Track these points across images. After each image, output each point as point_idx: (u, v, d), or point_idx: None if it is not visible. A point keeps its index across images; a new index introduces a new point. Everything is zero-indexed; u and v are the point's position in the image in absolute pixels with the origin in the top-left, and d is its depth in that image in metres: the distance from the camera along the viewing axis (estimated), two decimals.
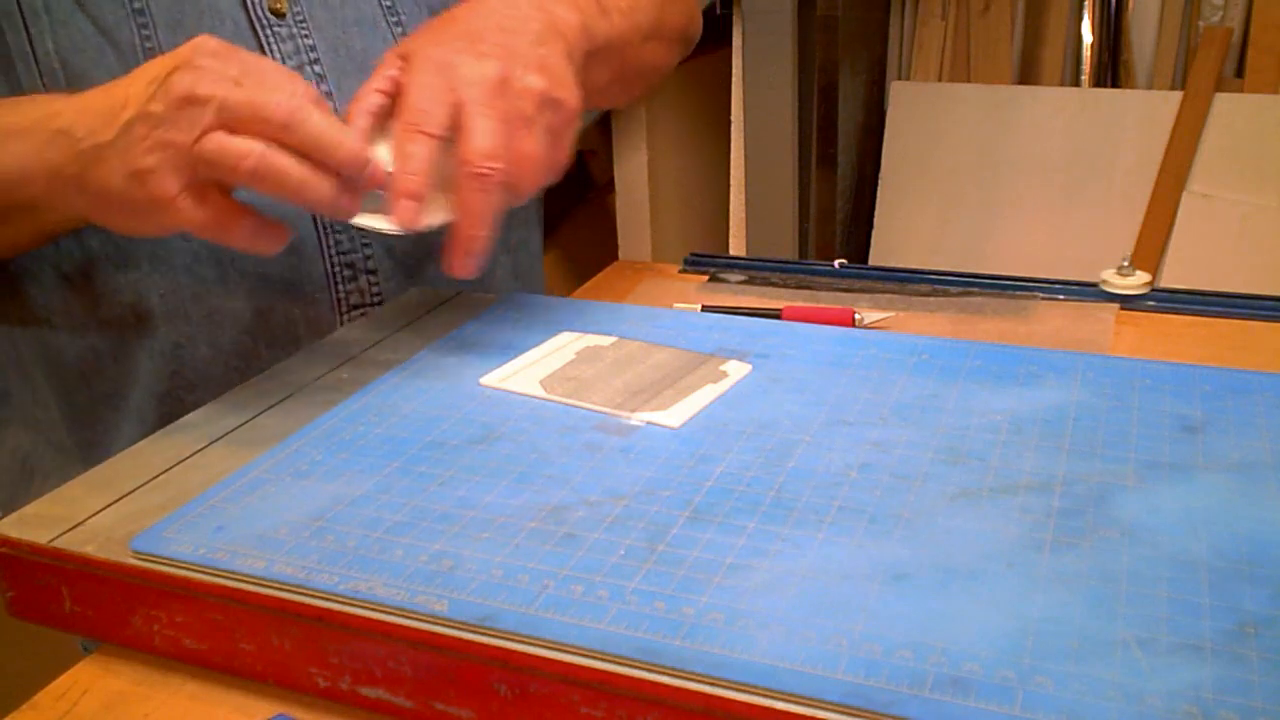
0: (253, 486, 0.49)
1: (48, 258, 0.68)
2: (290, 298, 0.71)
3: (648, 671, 0.37)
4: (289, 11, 0.70)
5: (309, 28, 0.71)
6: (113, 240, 0.68)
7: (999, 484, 0.47)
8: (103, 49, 0.65)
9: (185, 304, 0.69)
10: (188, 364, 0.70)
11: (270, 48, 0.69)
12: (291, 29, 0.70)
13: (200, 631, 0.44)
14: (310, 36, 0.71)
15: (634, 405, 0.55)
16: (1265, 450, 0.49)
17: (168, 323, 0.69)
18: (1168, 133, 2.11)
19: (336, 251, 0.72)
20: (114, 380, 0.71)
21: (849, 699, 0.36)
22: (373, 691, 0.42)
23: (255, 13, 0.69)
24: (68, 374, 0.72)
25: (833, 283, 0.81)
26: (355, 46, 0.73)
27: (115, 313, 0.69)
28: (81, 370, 0.71)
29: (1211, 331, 0.70)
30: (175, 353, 0.70)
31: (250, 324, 0.70)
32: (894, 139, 2.35)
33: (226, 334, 0.70)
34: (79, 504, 0.49)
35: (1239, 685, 0.36)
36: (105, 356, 0.71)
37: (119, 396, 0.71)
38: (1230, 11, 2.13)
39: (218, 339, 0.70)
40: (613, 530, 0.45)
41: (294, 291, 0.71)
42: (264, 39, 0.69)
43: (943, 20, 2.33)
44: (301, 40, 0.71)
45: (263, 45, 0.69)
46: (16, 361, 0.74)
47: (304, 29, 0.71)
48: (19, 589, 0.48)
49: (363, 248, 0.73)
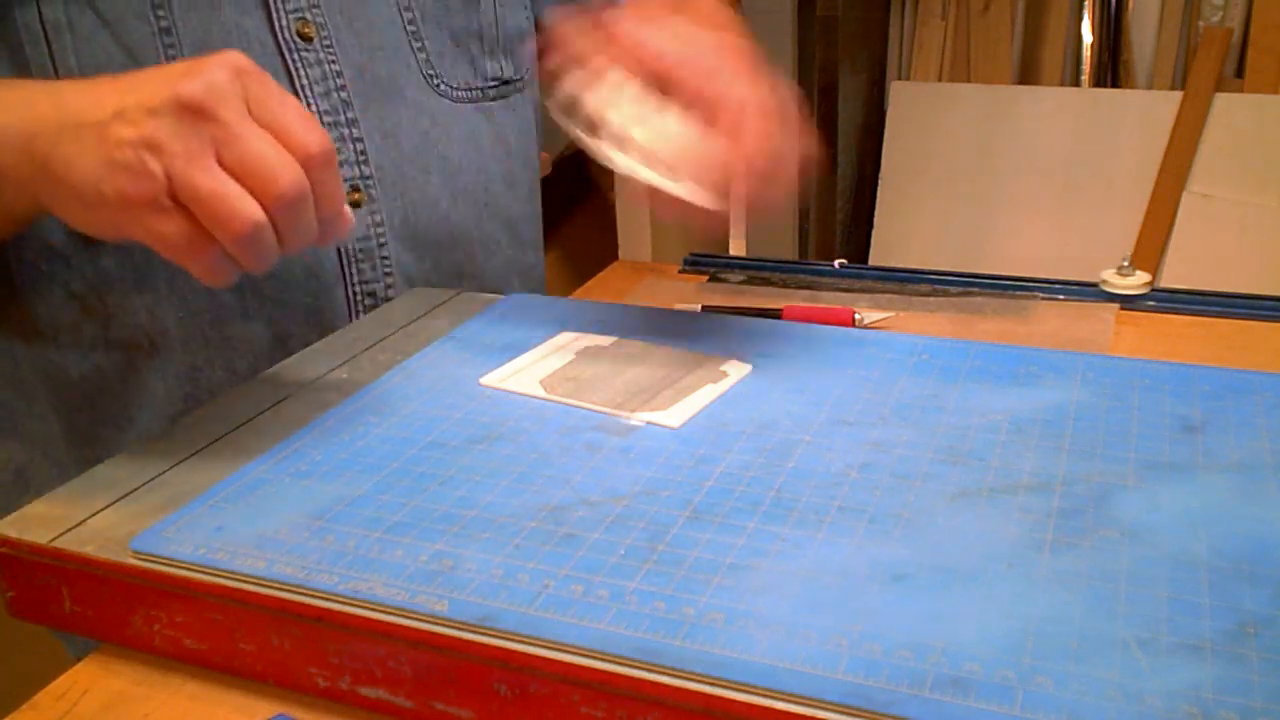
0: (253, 486, 0.49)
1: (58, 275, 0.67)
2: (310, 324, 0.70)
3: (648, 671, 0.37)
4: (316, 36, 0.69)
5: (335, 53, 0.70)
6: (130, 261, 0.67)
7: (999, 484, 0.47)
8: (127, 69, 0.62)
9: (204, 328, 0.68)
10: (203, 387, 0.69)
11: (298, 73, 0.69)
12: (319, 54, 0.70)
13: (200, 631, 0.44)
14: (337, 62, 0.70)
15: (634, 405, 0.55)
16: (1265, 450, 0.49)
17: (184, 346, 0.69)
18: (1168, 133, 2.11)
19: (359, 280, 0.71)
20: (121, 401, 0.70)
21: (849, 699, 0.36)
22: (373, 691, 0.42)
23: (283, 36, 0.68)
24: (70, 393, 0.70)
25: (833, 283, 0.81)
26: (380, 72, 0.73)
27: (126, 334, 0.68)
28: (85, 390, 0.70)
29: (1211, 331, 0.70)
30: (191, 375, 0.69)
31: (268, 349, 0.70)
32: (894, 139, 2.35)
33: (243, 359, 0.70)
34: (79, 504, 0.49)
35: (1239, 685, 0.36)
36: (113, 377, 0.69)
37: (124, 417, 0.70)
38: (1230, 11, 2.13)
39: (234, 363, 0.70)
40: (613, 530, 0.45)
41: (314, 318, 0.70)
42: (291, 64, 0.69)
43: (943, 20, 2.33)
44: (329, 66, 0.70)
45: (290, 70, 0.69)
46: (15, 376, 0.73)
47: (331, 54, 0.70)
48: (19, 589, 0.48)
49: (384, 276, 0.73)
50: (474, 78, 0.78)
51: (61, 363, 0.70)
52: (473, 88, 0.78)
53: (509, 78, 0.80)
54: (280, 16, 0.68)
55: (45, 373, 0.71)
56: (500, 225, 0.80)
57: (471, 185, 0.78)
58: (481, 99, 0.78)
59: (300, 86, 0.69)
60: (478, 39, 0.77)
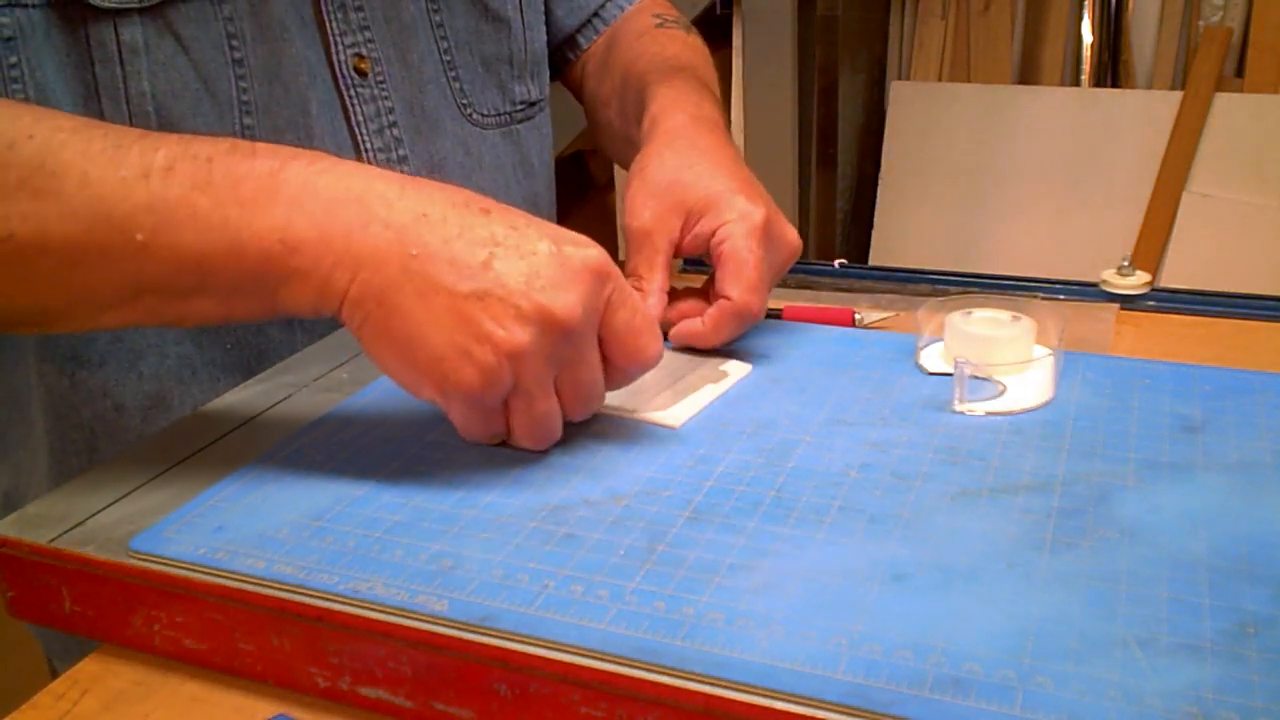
0: (253, 486, 0.49)
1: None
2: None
3: (648, 671, 0.37)
4: (370, 71, 0.70)
5: (387, 88, 0.71)
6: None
7: (999, 484, 0.47)
8: (200, 97, 0.63)
9: (248, 361, 0.67)
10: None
11: (354, 109, 0.69)
12: (373, 89, 0.70)
13: (200, 631, 0.44)
14: (390, 97, 0.71)
15: (634, 405, 0.55)
16: (1265, 450, 0.49)
17: (212, 385, 0.67)
18: (1168, 133, 2.11)
19: None
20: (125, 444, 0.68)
21: (849, 699, 0.36)
22: (373, 691, 0.42)
23: (340, 71, 0.68)
24: (74, 437, 0.68)
25: (833, 283, 0.81)
26: (428, 105, 0.73)
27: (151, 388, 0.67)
28: (93, 429, 0.68)
29: (1211, 331, 0.70)
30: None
31: None
32: (894, 139, 2.35)
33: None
34: (79, 504, 0.49)
35: (1239, 685, 0.35)
36: (134, 417, 0.67)
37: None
38: (1230, 11, 2.13)
39: None
40: (613, 530, 0.45)
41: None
42: (348, 99, 0.69)
43: (943, 20, 2.32)
44: (381, 102, 0.70)
45: (346, 105, 0.69)
46: (17, 403, 0.71)
47: (383, 89, 0.70)
48: (19, 589, 0.48)
49: None
50: (502, 103, 0.78)
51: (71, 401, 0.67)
52: (501, 113, 0.78)
53: (535, 99, 0.81)
54: (339, 51, 0.68)
55: (53, 412, 0.68)
56: None
57: None
58: (509, 123, 0.79)
59: (356, 123, 0.69)
60: (508, 63, 0.78)
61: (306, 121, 0.67)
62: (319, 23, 0.68)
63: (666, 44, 0.81)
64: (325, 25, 0.68)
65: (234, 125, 0.65)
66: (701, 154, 0.63)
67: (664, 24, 0.84)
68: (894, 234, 2.36)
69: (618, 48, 0.83)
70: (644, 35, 0.83)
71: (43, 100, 0.59)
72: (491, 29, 0.76)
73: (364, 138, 0.70)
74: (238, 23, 0.64)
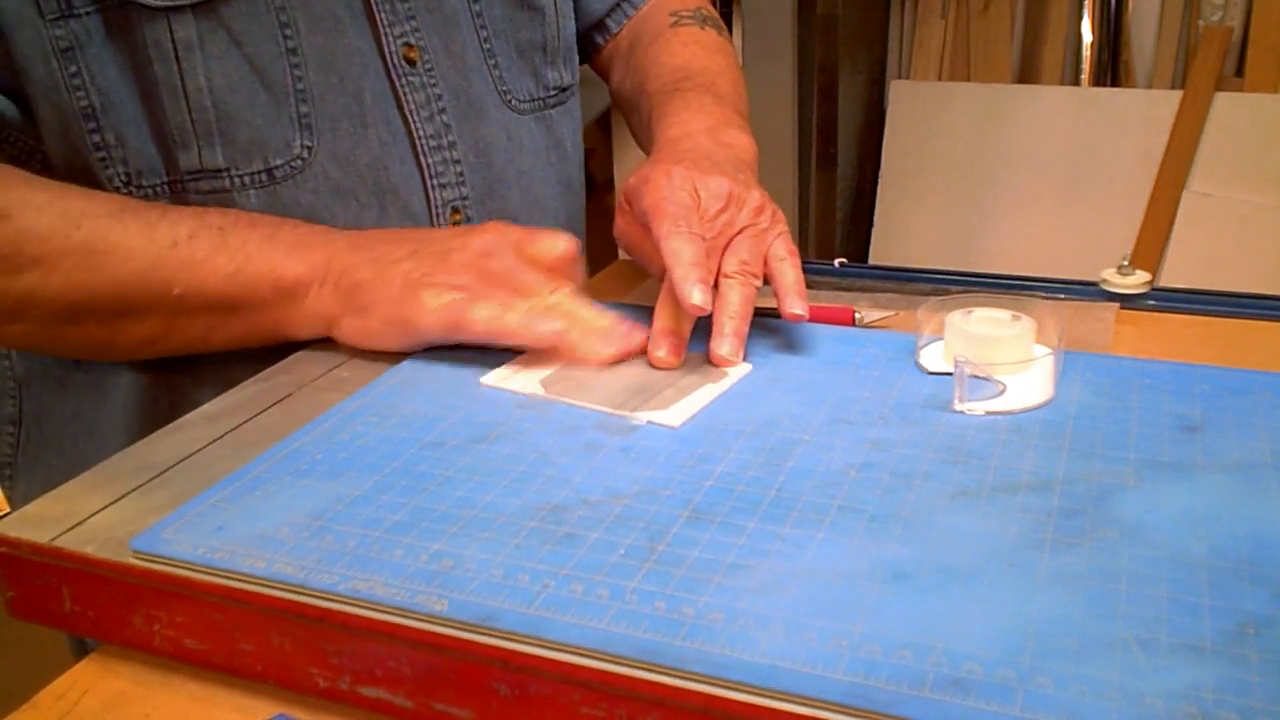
0: (253, 486, 0.49)
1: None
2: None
3: (648, 671, 0.37)
4: (419, 60, 0.71)
5: (435, 75, 0.72)
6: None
7: (999, 484, 0.47)
8: (255, 89, 0.64)
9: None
10: None
11: (405, 97, 0.70)
12: (422, 77, 0.71)
13: (200, 631, 0.44)
14: (438, 85, 0.72)
15: (634, 405, 0.55)
16: (1265, 450, 0.49)
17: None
18: (1168, 132, 2.11)
19: None
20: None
21: (849, 699, 0.36)
22: (373, 691, 0.42)
23: (391, 60, 0.70)
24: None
25: (833, 282, 0.81)
26: (472, 93, 0.74)
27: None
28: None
29: (1211, 331, 0.70)
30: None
31: None
32: (894, 139, 2.35)
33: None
34: (79, 504, 0.49)
35: (1239, 685, 0.36)
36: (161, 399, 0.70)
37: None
38: (1230, 11, 2.13)
39: None
40: (613, 530, 0.45)
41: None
42: (399, 88, 0.70)
43: (943, 19, 2.33)
44: (430, 90, 0.72)
45: (398, 94, 0.70)
46: (17, 419, 0.73)
47: (432, 77, 0.72)
48: (19, 589, 0.48)
49: None
50: (536, 89, 0.79)
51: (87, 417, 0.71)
52: (536, 99, 0.80)
53: (566, 84, 0.82)
54: (389, 41, 0.69)
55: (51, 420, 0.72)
56: (560, 229, 0.82)
57: (540, 195, 0.80)
58: (543, 108, 0.80)
59: (409, 112, 0.70)
60: (541, 50, 0.79)
61: (360, 110, 0.68)
62: (368, 13, 0.69)
63: (679, 49, 0.83)
64: (374, 16, 0.69)
65: (290, 113, 0.66)
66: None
67: (679, 22, 0.86)
68: (894, 233, 2.36)
69: (636, 49, 0.85)
70: (658, 39, 0.84)
71: (105, 104, 0.63)
72: (526, 17, 0.78)
73: (416, 125, 0.71)
74: (290, 12, 0.65)
